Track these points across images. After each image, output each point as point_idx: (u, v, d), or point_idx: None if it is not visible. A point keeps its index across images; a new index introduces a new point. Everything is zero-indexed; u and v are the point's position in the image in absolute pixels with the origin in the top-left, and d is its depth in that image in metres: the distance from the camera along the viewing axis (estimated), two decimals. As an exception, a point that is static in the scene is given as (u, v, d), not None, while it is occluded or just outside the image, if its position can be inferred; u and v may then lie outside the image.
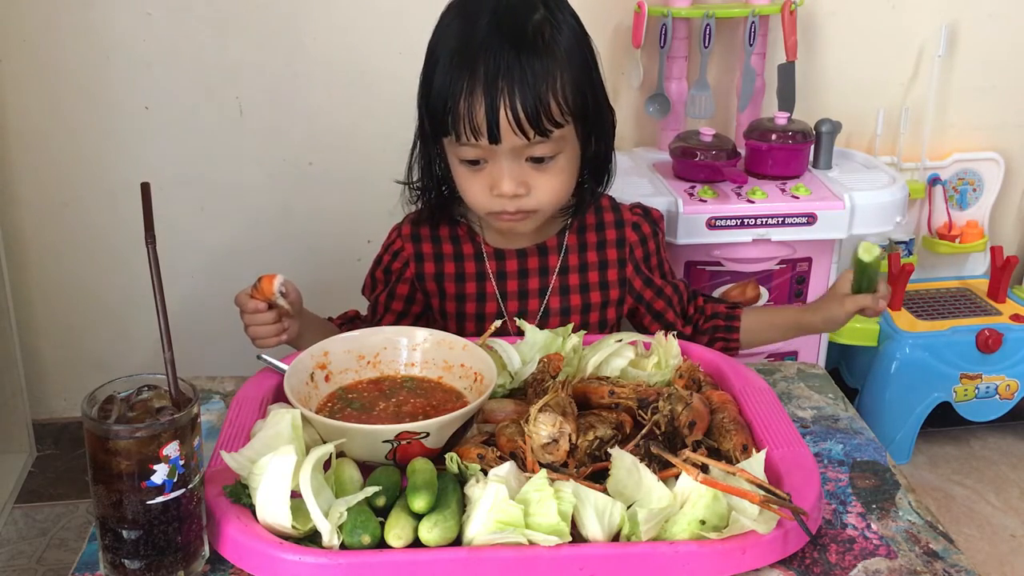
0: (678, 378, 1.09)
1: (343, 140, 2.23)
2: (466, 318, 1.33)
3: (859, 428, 1.14)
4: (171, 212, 2.19)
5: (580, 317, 1.31)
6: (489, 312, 1.32)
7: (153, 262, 0.86)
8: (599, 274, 1.30)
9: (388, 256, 1.36)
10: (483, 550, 0.86)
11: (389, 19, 2.16)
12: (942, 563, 0.91)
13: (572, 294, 1.30)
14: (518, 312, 1.32)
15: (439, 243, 1.34)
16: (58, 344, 2.33)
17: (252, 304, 1.18)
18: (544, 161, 1.18)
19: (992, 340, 2.18)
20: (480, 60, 1.13)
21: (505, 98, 1.12)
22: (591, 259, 1.31)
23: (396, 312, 1.35)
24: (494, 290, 1.32)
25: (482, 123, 1.14)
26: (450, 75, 1.15)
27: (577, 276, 1.30)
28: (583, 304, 1.30)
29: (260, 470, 0.89)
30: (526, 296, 1.32)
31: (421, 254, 1.34)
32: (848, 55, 2.31)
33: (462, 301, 1.33)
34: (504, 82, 1.12)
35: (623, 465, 0.91)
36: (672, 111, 2.20)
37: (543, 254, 1.31)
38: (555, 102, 1.15)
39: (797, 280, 2.05)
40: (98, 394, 0.86)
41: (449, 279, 1.33)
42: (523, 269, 1.31)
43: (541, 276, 1.31)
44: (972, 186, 2.44)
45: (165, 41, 2.11)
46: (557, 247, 1.31)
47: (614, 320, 1.34)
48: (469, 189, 1.22)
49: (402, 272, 1.35)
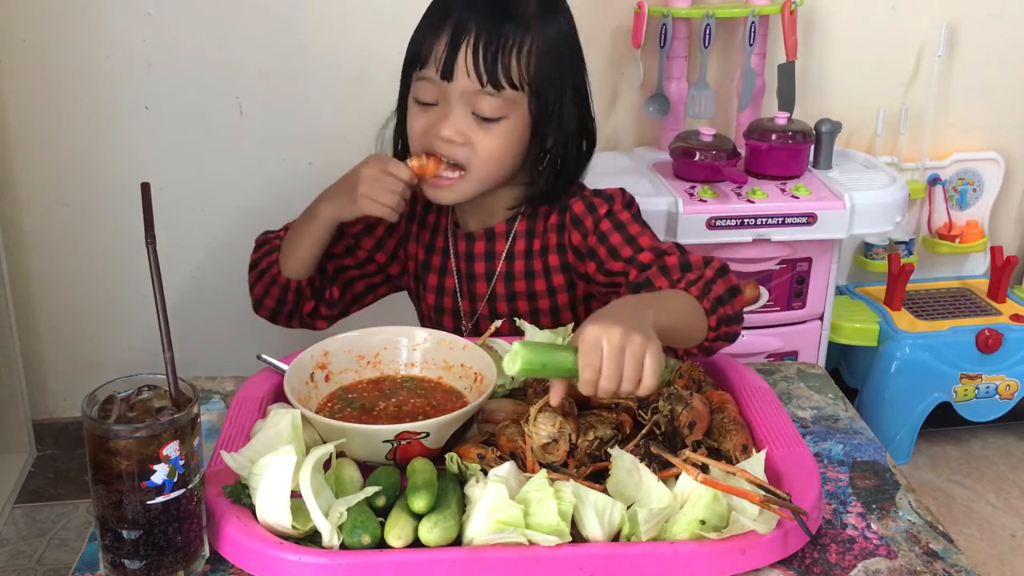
0: (678, 378, 1.09)
1: (343, 140, 2.23)
2: (428, 289, 1.37)
3: (859, 428, 1.14)
4: (171, 212, 2.19)
5: (527, 303, 1.32)
6: (447, 287, 1.36)
7: (153, 262, 0.86)
8: (541, 260, 1.31)
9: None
10: (483, 550, 0.86)
11: (389, 19, 2.15)
12: (942, 563, 0.91)
13: (517, 280, 1.32)
14: (468, 293, 1.34)
15: (427, 211, 1.38)
16: (58, 344, 2.33)
17: (410, 175, 1.23)
18: (489, 121, 1.21)
19: (992, 340, 2.18)
20: (461, 7, 1.19)
21: (470, 38, 1.17)
22: (535, 246, 1.32)
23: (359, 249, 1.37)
24: (452, 267, 1.35)
25: (442, 55, 1.18)
26: (430, 18, 1.22)
27: (523, 262, 1.31)
28: (528, 290, 1.32)
29: (260, 470, 0.89)
30: (474, 278, 1.34)
31: (413, 212, 1.39)
32: (848, 55, 2.31)
33: (427, 271, 1.37)
34: (474, 24, 1.17)
35: (623, 465, 0.91)
36: (672, 111, 2.20)
37: (490, 239, 1.33)
38: (516, 62, 1.18)
39: (797, 280, 2.05)
40: (98, 394, 0.86)
41: (423, 245, 1.38)
42: (471, 252, 1.34)
43: (487, 260, 1.33)
44: (972, 186, 2.44)
45: (165, 41, 2.11)
46: (506, 233, 1.32)
47: (566, 303, 1.33)
48: (413, 126, 1.25)
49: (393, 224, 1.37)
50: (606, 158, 2.18)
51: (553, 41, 1.22)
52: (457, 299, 1.36)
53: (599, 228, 1.24)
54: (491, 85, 1.18)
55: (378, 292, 1.43)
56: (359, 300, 1.41)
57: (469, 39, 1.17)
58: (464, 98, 1.20)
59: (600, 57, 2.23)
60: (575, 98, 1.25)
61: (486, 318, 1.32)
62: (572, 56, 1.25)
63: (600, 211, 1.25)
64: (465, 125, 1.21)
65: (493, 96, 1.19)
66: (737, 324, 1.13)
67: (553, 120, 1.24)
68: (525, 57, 1.19)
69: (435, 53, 1.19)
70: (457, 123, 1.21)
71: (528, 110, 1.22)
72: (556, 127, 1.24)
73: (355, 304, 1.41)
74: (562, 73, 1.23)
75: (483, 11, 1.18)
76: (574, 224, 1.27)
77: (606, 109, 2.28)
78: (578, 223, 1.27)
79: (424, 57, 1.20)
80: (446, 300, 1.36)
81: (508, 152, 1.23)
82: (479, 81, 1.18)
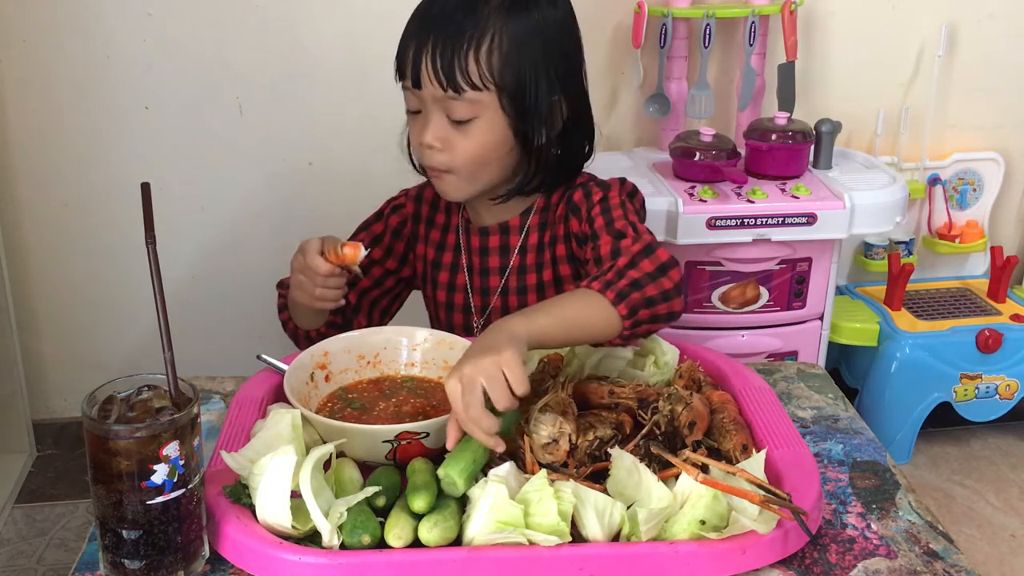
0: (678, 378, 1.09)
1: (343, 140, 2.23)
2: (438, 287, 1.38)
3: (859, 428, 1.14)
4: (171, 212, 2.19)
5: (537, 296, 1.33)
6: (458, 283, 1.37)
7: (153, 262, 0.86)
8: (550, 251, 1.32)
9: (388, 209, 1.42)
10: (483, 550, 0.86)
11: (389, 19, 2.15)
12: (942, 563, 0.91)
13: (529, 272, 1.33)
14: (480, 288, 1.35)
15: (435, 211, 1.40)
16: (58, 344, 2.33)
17: (328, 268, 1.21)
18: (462, 123, 1.22)
19: (992, 340, 2.18)
20: (424, 13, 1.22)
21: (429, 44, 1.19)
22: (546, 238, 1.33)
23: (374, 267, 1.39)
24: (464, 263, 1.36)
25: (408, 65, 1.21)
26: (407, 27, 1.24)
27: (534, 255, 1.32)
28: (538, 283, 1.33)
29: (260, 470, 0.89)
30: (487, 273, 1.35)
31: (419, 215, 1.40)
32: (848, 55, 2.31)
33: (437, 269, 1.39)
34: (432, 33, 1.19)
35: (623, 465, 0.91)
36: (672, 111, 2.20)
37: (504, 233, 1.34)
38: (475, 63, 1.19)
39: (797, 280, 2.05)
40: (98, 394, 0.86)
41: (432, 245, 1.39)
42: (485, 247, 1.35)
43: (502, 255, 1.34)
44: (972, 186, 2.44)
45: (165, 41, 2.11)
46: (519, 227, 1.33)
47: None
48: (412, 137, 1.28)
49: (399, 229, 1.40)
50: (606, 158, 2.18)
51: (518, 36, 1.20)
52: (468, 295, 1.36)
53: (590, 214, 1.25)
54: (452, 89, 1.19)
55: (401, 298, 1.45)
56: (387, 312, 1.43)
57: (428, 45, 1.19)
58: (437, 104, 1.21)
59: (600, 57, 2.23)
60: (561, 89, 1.24)
61: (498, 311, 1.33)
62: (549, 48, 1.23)
63: (594, 198, 1.26)
64: (442, 130, 1.22)
65: (457, 100, 1.20)
66: (663, 303, 1.10)
67: (532, 114, 1.23)
68: (485, 56, 1.19)
69: (405, 63, 1.22)
70: (435, 129, 1.22)
71: (501, 107, 1.21)
72: (538, 120, 1.24)
73: (385, 316, 1.43)
74: (534, 67, 1.21)
75: (441, 15, 1.20)
76: (573, 212, 1.29)
77: (606, 109, 2.28)
78: (576, 210, 1.28)
79: (402, 67, 1.23)
80: (457, 296, 1.37)
81: (489, 150, 1.24)
82: (440, 87, 1.19)
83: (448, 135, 1.22)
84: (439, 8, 1.21)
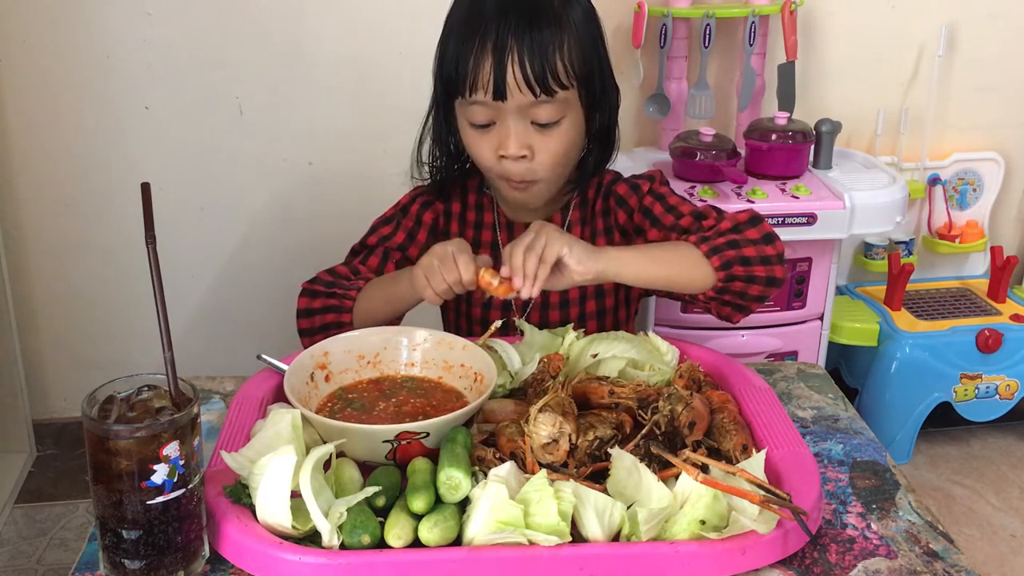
0: (678, 378, 1.09)
1: (343, 140, 2.23)
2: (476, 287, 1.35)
3: (859, 428, 1.14)
4: (171, 212, 2.19)
5: (578, 290, 1.33)
6: None
7: (153, 262, 0.86)
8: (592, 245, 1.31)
9: (417, 206, 1.37)
10: (483, 550, 0.86)
11: (389, 19, 2.16)
12: (942, 563, 0.91)
13: None
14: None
15: (465, 208, 1.38)
16: (58, 344, 2.33)
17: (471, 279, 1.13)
18: (548, 126, 1.21)
19: (992, 340, 2.18)
20: (492, 23, 1.17)
21: (513, 55, 1.16)
22: (586, 233, 1.34)
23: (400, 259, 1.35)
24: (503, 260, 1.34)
25: (489, 79, 1.17)
26: (463, 37, 1.19)
27: None
28: None
29: (260, 470, 0.89)
30: None
31: (450, 212, 1.38)
32: (848, 55, 2.31)
33: None
34: (513, 41, 1.16)
35: (623, 465, 0.91)
36: (672, 111, 2.20)
37: None
38: (561, 64, 1.18)
39: (797, 280, 2.05)
40: (98, 394, 0.86)
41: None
42: None
43: None
44: (972, 186, 2.44)
45: (165, 41, 2.11)
46: (561, 223, 1.34)
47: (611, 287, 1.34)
48: (479, 152, 1.25)
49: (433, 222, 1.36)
50: (606, 158, 2.19)
51: (583, 24, 1.22)
52: None
53: (643, 204, 1.30)
54: (544, 94, 1.18)
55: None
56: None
57: (513, 56, 1.16)
58: (520, 111, 1.20)
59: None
60: (607, 70, 1.27)
61: (538, 307, 1.34)
62: (598, 31, 1.26)
63: (643, 188, 1.31)
64: (526, 136, 1.21)
65: (549, 103, 1.19)
66: (761, 265, 1.20)
67: (603, 100, 1.26)
68: (567, 54, 1.19)
69: (481, 77, 1.17)
70: (520, 137, 1.21)
71: (581, 102, 1.23)
72: (603, 104, 1.27)
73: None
74: (597, 52, 1.24)
75: (517, 21, 1.17)
76: (619, 205, 1.32)
77: (606, 109, 2.28)
78: (623, 203, 1.31)
79: (472, 82, 1.18)
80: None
81: (572, 147, 1.25)
82: (532, 94, 1.17)
83: (531, 141, 1.21)
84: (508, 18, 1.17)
